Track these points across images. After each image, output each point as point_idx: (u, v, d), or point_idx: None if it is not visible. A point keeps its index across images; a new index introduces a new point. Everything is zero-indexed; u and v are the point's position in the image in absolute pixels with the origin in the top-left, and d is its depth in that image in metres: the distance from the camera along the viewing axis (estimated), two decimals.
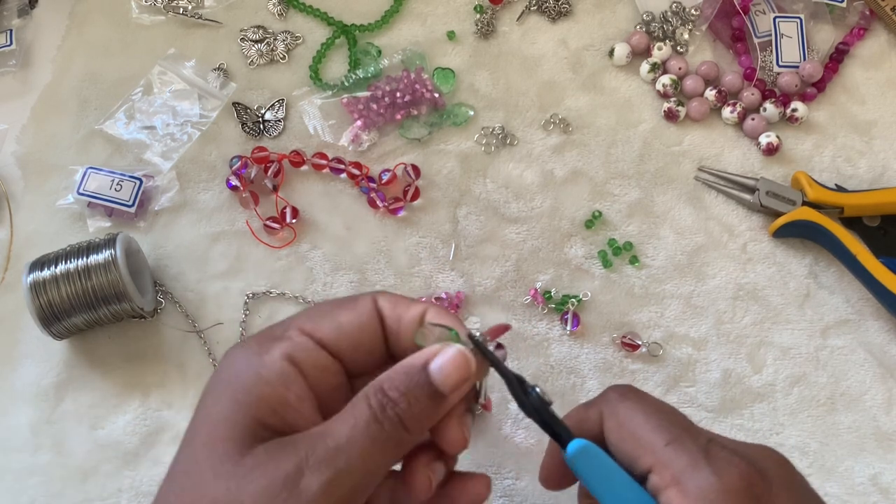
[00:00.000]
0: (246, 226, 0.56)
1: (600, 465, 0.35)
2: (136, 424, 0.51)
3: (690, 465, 0.32)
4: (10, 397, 0.52)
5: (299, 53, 0.61)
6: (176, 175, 0.57)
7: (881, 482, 0.50)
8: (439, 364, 0.33)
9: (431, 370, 0.33)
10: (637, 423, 0.34)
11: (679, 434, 0.33)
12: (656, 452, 0.33)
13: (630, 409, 0.35)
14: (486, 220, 0.56)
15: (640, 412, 0.35)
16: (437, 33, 0.61)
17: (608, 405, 0.36)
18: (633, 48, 0.60)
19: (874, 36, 0.61)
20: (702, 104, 0.58)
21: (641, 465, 0.33)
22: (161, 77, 0.59)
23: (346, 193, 0.57)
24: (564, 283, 0.54)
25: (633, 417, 0.35)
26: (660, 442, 0.33)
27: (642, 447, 0.34)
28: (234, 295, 0.54)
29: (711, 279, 0.55)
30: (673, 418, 0.35)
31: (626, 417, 0.35)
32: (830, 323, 0.54)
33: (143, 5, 0.62)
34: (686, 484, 0.32)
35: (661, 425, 0.34)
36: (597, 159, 0.57)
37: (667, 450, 0.33)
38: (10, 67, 0.61)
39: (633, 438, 0.34)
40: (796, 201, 0.55)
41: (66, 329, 0.50)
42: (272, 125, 0.58)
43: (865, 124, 0.59)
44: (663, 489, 0.32)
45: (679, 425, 0.34)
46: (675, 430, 0.34)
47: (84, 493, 0.50)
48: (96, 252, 0.50)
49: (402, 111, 0.58)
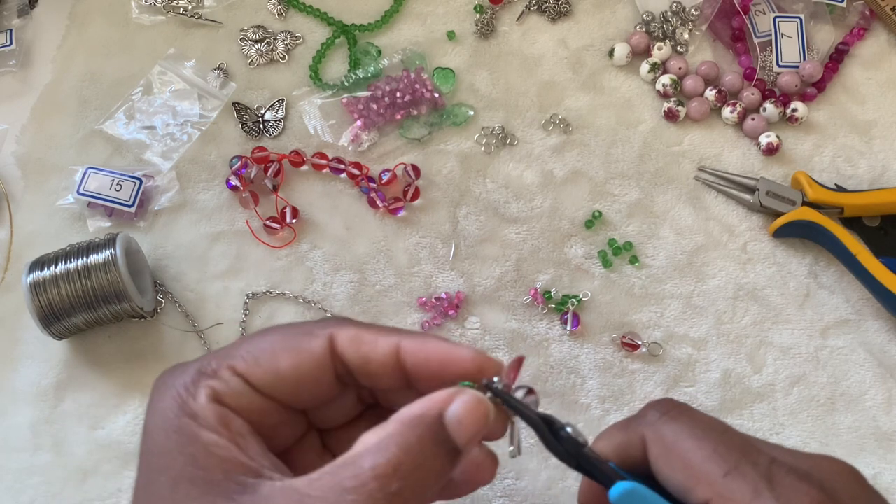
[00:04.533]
0: (246, 226, 0.56)
1: None
2: (136, 424, 0.51)
3: (753, 497, 0.29)
4: (10, 397, 0.52)
5: (299, 53, 0.61)
6: (176, 175, 0.57)
7: (881, 482, 0.50)
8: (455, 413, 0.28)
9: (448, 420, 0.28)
10: (688, 449, 0.30)
11: (738, 460, 0.30)
12: (714, 484, 0.29)
13: (677, 432, 0.31)
14: (486, 220, 0.56)
15: (690, 436, 0.31)
16: (437, 33, 0.61)
17: (651, 428, 0.32)
18: (633, 48, 0.60)
19: (874, 36, 0.61)
20: (702, 104, 0.58)
21: (697, 497, 0.30)
22: (161, 77, 0.59)
23: (346, 193, 0.57)
24: (564, 283, 0.54)
25: (682, 442, 0.31)
26: (717, 472, 0.29)
27: (696, 477, 0.30)
28: (234, 295, 0.54)
29: (711, 279, 0.55)
30: (728, 440, 0.31)
31: (674, 443, 0.31)
32: (830, 323, 0.54)
33: (143, 5, 0.62)
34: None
35: (716, 451, 0.30)
36: (597, 159, 0.57)
37: (726, 480, 0.29)
38: (10, 67, 0.61)
39: (684, 467, 0.30)
40: (796, 201, 0.55)
41: (66, 329, 0.50)
42: (272, 125, 0.58)
43: (865, 124, 0.59)
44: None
45: (736, 448, 0.30)
46: (733, 455, 0.30)
47: (84, 493, 0.50)
48: (96, 252, 0.50)
49: (402, 111, 0.58)
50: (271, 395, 0.31)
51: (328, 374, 0.31)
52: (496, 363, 0.31)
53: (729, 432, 0.31)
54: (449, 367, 0.30)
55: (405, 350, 0.31)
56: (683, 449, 0.30)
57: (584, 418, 0.51)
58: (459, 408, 0.28)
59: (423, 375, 0.31)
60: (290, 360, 0.30)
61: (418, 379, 0.31)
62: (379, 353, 0.31)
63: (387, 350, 0.31)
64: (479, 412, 0.28)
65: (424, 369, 0.31)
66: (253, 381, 0.30)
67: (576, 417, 0.51)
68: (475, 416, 0.28)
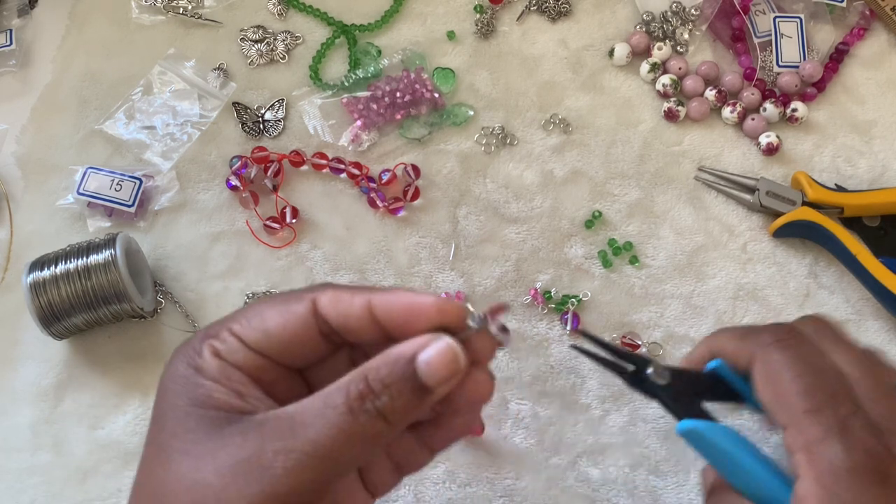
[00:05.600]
0: (246, 226, 0.56)
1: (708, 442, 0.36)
2: (136, 424, 0.51)
3: (823, 438, 0.32)
4: (10, 397, 0.52)
5: (299, 53, 0.61)
6: (176, 175, 0.57)
7: None
8: (427, 358, 0.31)
9: (418, 363, 0.31)
10: (784, 380, 0.34)
11: (821, 402, 0.33)
12: (794, 416, 0.34)
13: (781, 363, 0.35)
14: (486, 220, 0.56)
15: (790, 370, 0.35)
16: (437, 33, 0.61)
17: (761, 350, 0.36)
18: (633, 48, 0.60)
19: (874, 36, 0.61)
20: (702, 104, 0.58)
21: (778, 420, 0.34)
22: (161, 77, 0.60)
23: (346, 193, 0.57)
24: (564, 283, 0.54)
25: (782, 373, 0.35)
26: (800, 407, 0.33)
27: (781, 406, 0.34)
28: (234, 295, 0.54)
29: (711, 279, 0.55)
30: (822, 382, 0.34)
31: (775, 371, 0.35)
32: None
33: (143, 5, 0.62)
34: (815, 454, 0.32)
35: (806, 390, 0.34)
36: (597, 159, 0.57)
37: (804, 416, 0.33)
38: (10, 67, 0.61)
39: (775, 393, 0.35)
40: (796, 201, 0.55)
41: (66, 329, 0.50)
42: (272, 125, 0.58)
43: (865, 124, 0.59)
44: (794, 452, 0.33)
45: (826, 391, 0.34)
46: (820, 396, 0.34)
47: (84, 493, 0.50)
48: (96, 252, 0.50)
49: (402, 111, 0.58)
50: (264, 352, 0.33)
51: (313, 332, 0.34)
52: (456, 308, 0.33)
53: (827, 375, 0.35)
54: (414, 315, 0.33)
55: (375, 304, 0.33)
56: (781, 379, 0.35)
57: (585, 418, 0.51)
58: (430, 352, 0.31)
59: (395, 325, 0.33)
60: (277, 321, 0.33)
61: (392, 330, 0.33)
62: (354, 310, 0.33)
63: (361, 305, 0.33)
64: (447, 357, 0.31)
65: (394, 319, 0.33)
66: (247, 341, 0.33)
67: (576, 417, 0.51)
68: (443, 361, 0.31)
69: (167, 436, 0.32)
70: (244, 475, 0.29)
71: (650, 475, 0.50)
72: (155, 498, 0.31)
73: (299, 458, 0.29)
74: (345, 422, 0.30)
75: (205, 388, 0.32)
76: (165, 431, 0.32)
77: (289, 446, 0.29)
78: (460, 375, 0.32)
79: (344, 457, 0.30)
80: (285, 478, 0.29)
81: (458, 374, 0.32)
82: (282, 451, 0.29)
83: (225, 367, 0.32)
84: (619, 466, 0.50)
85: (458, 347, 0.32)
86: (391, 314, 0.33)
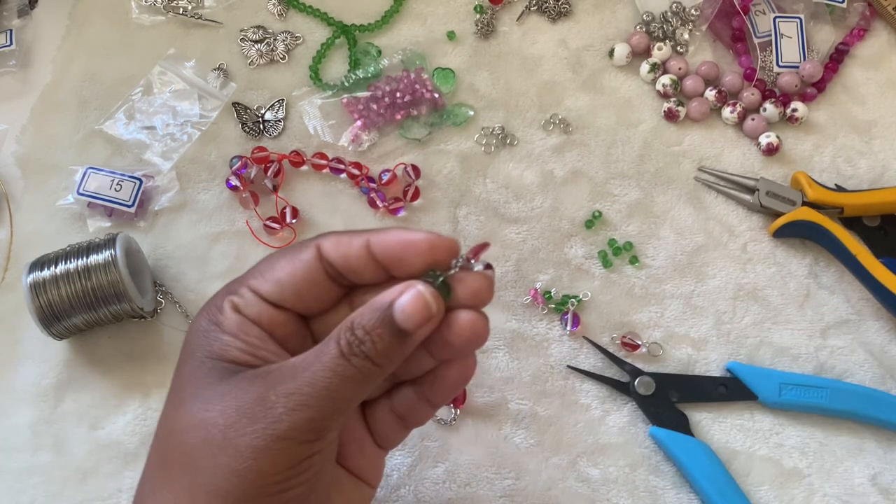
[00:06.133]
0: (246, 226, 0.56)
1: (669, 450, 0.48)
2: (136, 424, 0.51)
3: None
4: (10, 397, 0.52)
5: (299, 53, 0.61)
6: (176, 175, 0.57)
7: (881, 482, 0.50)
8: (401, 305, 0.33)
9: (394, 310, 0.33)
10: None
11: None
12: None
13: None
14: (486, 220, 0.56)
15: None
16: (437, 33, 0.61)
17: None
18: (633, 48, 0.60)
19: (874, 36, 0.61)
20: (702, 104, 0.58)
21: None
22: (161, 77, 0.60)
23: (346, 193, 0.57)
24: (564, 283, 0.54)
25: None
26: None
27: None
28: None
29: (711, 279, 0.55)
30: None
31: None
32: (830, 323, 0.54)
33: (143, 5, 0.62)
34: None
35: None
36: (597, 159, 0.57)
37: None
38: (10, 67, 0.61)
39: None
40: (796, 201, 0.55)
41: (66, 329, 0.50)
42: (272, 125, 0.58)
43: (865, 124, 0.59)
44: None
45: None
46: None
47: (84, 493, 0.50)
48: (96, 252, 0.50)
49: (402, 111, 0.58)
50: (278, 303, 0.36)
51: (320, 276, 0.36)
52: (448, 242, 0.35)
53: None
54: (408, 251, 0.35)
55: (372, 242, 0.35)
56: None
57: (585, 418, 0.51)
58: (404, 299, 0.33)
59: (392, 262, 0.35)
60: (287, 269, 0.36)
61: (389, 266, 0.35)
62: (354, 250, 0.35)
63: (359, 245, 0.35)
64: (419, 303, 0.33)
65: (390, 256, 0.35)
66: (262, 293, 0.36)
67: (576, 417, 0.51)
68: (416, 307, 0.33)
69: (183, 382, 0.35)
70: (248, 416, 0.32)
71: (650, 475, 0.50)
72: (170, 434, 0.34)
73: (298, 399, 0.32)
74: (337, 365, 0.32)
75: (221, 343, 0.35)
76: (182, 378, 0.35)
77: (290, 389, 0.32)
78: (435, 319, 0.34)
79: (338, 396, 0.33)
80: (286, 416, 0.32)
81: (432, 318, 0.34)
82: (283, 393, 0.32)
83: (243, 321, 0.35)
84: (619, 466, 0.50)
85: (430, 293, 0.33)
86: (387, 251, 0.35)
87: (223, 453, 0.32)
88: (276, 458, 0.32)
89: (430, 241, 0.35)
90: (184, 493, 0.32)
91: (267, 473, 0.32)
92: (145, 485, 0.35)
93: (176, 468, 0.33)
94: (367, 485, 0.39)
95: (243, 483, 0.32)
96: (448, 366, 0.37)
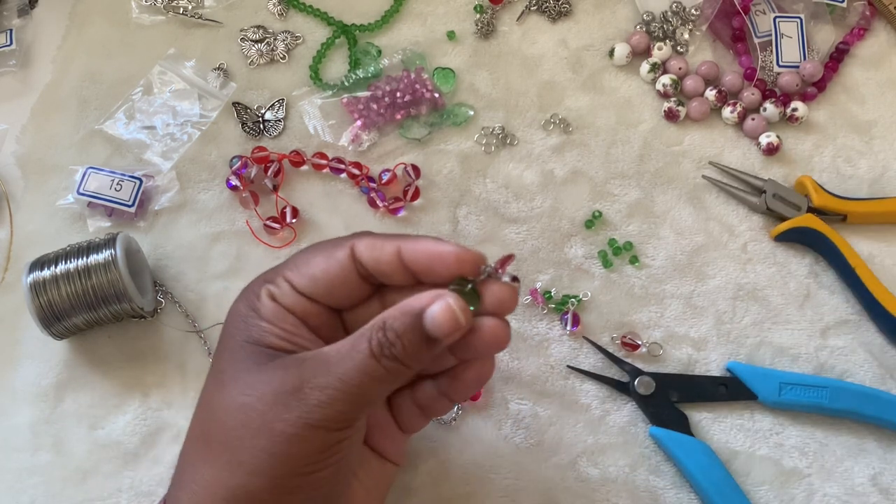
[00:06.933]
0: (246, 226, 0.56)
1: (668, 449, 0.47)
2: (136, 424, 0.51)
3: None
4: (10, 397, 0.52)
5: (299, 53, 0.61)
6: (176, 175, 0.57)
7: (881, 482, 0.50)
8: (432, 314, 0.35)
9: (425, 319, 0.35)
10: None
11: None
12: None
13: None
14: (486, 220, 0.56)
15: None
16: (437, 33, 0.61)
17: None
18: (633, 48, 0.60)
19: (874, 36, 0.61)
20: (702, 104, 0.58)
21: None
22: (161, 77, 0.59)
23: (346, 193, 0.57)
24: (564, 283, 0.54)
25: None
26: None
27: None
28: (234, 295, 0.53)
29: (711, 279, 0.55)
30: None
31: None
32: (830, 323, 0.54)
33: (143, 5, 0.62)
34: None
35: None
36: (597, 159, 0.57)
37: None
38: (10, 67, 0.61)
39: None
40: (801, 207, 0.55)
41: (66, 329, 0.50)
42: (272, 125, 0.58)
43: (865, 124, 0.59)
44: None
45: None
46: None
47: (84, 493, 0.50)
48: (96, 252, 0.50)
49: (402, 111, 0.58)
50: (312, 296, 0.38)
51: (353, 275, 0.38)
52: (474, 256, 0.37)
53: None
54: (436, 261, 0.37)
55: (403, 250, 0.37)
56: None
57: (585, 418, 0.51)
58: (435, 309, 0.35)
59: (421, 270, 0.37)
60: (321, 266, 0.38)
61: (418, 273, 0.37)
62: (385, 255, 0.37)
63: (391, 251, 0.37)
64: (448, 314, 0.35)
65: (419, 265, 0.37)
66: (297, 286, 0.38)
67: (576, 417, 0.51)
68: (445, 317, 0.35)
69: (224, 364, 0.37)
70: (284, 403, 0.34)
71: (650, 475, 0.50)
72: (211, 413, 0.37)
73: (332, 393, 0.34)
74: (368, 364, 0.35)
75: (259, 328, 0.37)
76: (222, 360, 0.38)
77: (323, 383, 0.35)
78: (463, 329, 0.36)
79: (369, 392, 0.35)
80: (319, 408, 0.34)
81: (459, 327, 0.35)
82: (317, 386, 0.34)
83: (279, 309, 0.37)
84: (619, 466, 0.50)
85: (459, 306, 0.35)
86: (417, 260, 0.37)
87: (260, 436, 0.34)
88: (308, 443, 0.35)
89: (457, 255, 0.37)
90: (224, 469, 0.35)
91: (299, 456, 0.35)
92: (186, 457, 0.38)
93: (216, 445, 0.36)
94: (392, 463, 0.42)
95: (278, 464, 0.34)
96: (468, 366, 0.39)
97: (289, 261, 0.39)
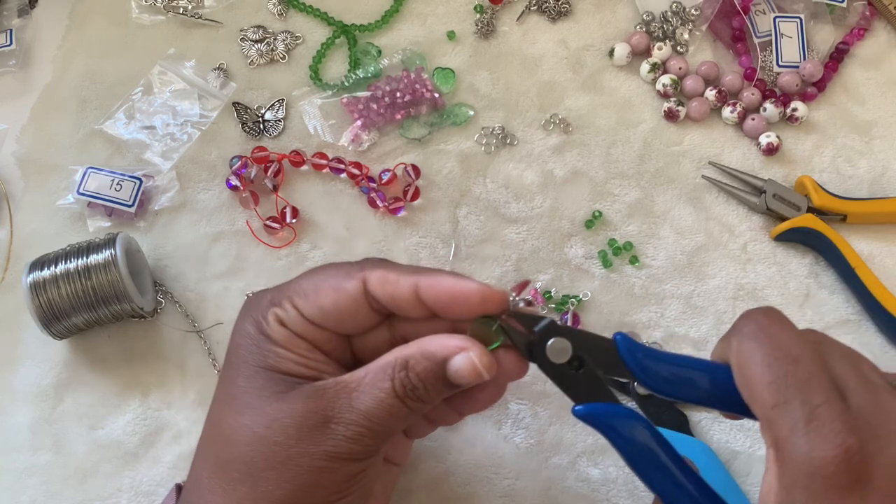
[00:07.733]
0: (246, 226, 0.56)
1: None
2: (136, 424, 0.51)
3: (790, 434, 0.30)
4: (10, 397, 0.52)
5: (299, 53, 0.61)
6: (176, 175, 0.57)
7: None
8: (455, 366, 0.36)
9: (449, 369, 0.36)
10: (753, 373, 0.32)
11: (791, 395, 0.31)
12: (764, 410, 0.32)
13: (750, 351, 0.33)
14: (486, 220, 0.56)
15: (760, 359, 0.32)
16: (437, 33, 0.61)
17: (737, 340, 0.34)
18: (633, 48, 0.60)
19: (874, 36, 0.61)
20: (702, 104, 0.58)
21: (754, 412, 0.33)
22: (161, 77, 0.59)
23: (346, 193, 0.57)
24: (564, 283, 0.54)
25: (752, 364, 0.33)
26: (768, 401, 0.31)
27: (754, 399, 0.32)
28: (234, 295, 0.54)
29: (711, 279, 0.55)
30: (793, 370, 0.32)
31: (745, 361, 0.33)
32: (830, 323, 0.54)
33: (143, 5, 0.62)
34: (783, 452, 0.31)
35: (775, 381, 0.32)
36: (597, 159, 0.57)
37: (773, 411, 0.31)
38: (10, 67, 0.61)
39: (748, 387, 0.33)
40: (801, 207, 0.55)
41: (66, 329, 0.50)
42: (272, 125, 0.58)
43: (865, 124, 0.59)
44: (767, 447, 0.32)
45: (797, 381, 0.31)
46: (790, 389, 0.31)
47: (84, 493, 0.50)
48: (96, 252, 0.50)
49: (402, 111, 0.58)
50: (320, 325, 0.37)
51: (363, 308, 0.38)
52: (499, 294, 0.36)
53: (800, 363, 0.32)
54: (459, 301, 0.36)
55: (421, 288, 0.36)
56: (750, 371, 0.33)
57: None
58: (459, 362, 0.36)
59: (441, 308, 0.37)
60: (331, 297, 0.37)
61: (437, 311, 0.37)
62: (401, 292, 0.36)
63: (408, 288, 0.36)
64: (472, 370, 0.36)
65: (440, 304, 0.36)
66: (305, 314, 0.37)
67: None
68: (468, 370, 0.36)
69: (239, 389, 0.36)
70: (309, 439, 0.35)
71: None
72: (227, 441, 0.36)
73: (357, 430, 0.35)
74: (393, 404, 0.35)
75: (275, 355, 0.36)
76: (237, 385, 0.37)
77: (348, 419, 0.35)
78: (485, 379, 0.36)
79: (391, 427, 0.36)
80: (344, 443, 0.35)
81: (481, 378, 0.36)
82: (342, 422, 0.35)
83: (290, 335, 0.37)
84: (619, 466, 0.50)
85: (483, 363, 0.36)
86: (437, 299, 0.36)
87: (286, 469, 0.35)
88: (334, 474, 0.35)
89: (482, 295, 0.36)
90: (245, 498, 0.35)
91: (325, 486, 0.35)
92: (200, 485, 0.37)
93: (236, 475, 0.35)
94: (396, 465, 0.43)
95: (305, 495, 0.35)
96: (482, 387, 0.39)
97: (295, 284, 0.38)
